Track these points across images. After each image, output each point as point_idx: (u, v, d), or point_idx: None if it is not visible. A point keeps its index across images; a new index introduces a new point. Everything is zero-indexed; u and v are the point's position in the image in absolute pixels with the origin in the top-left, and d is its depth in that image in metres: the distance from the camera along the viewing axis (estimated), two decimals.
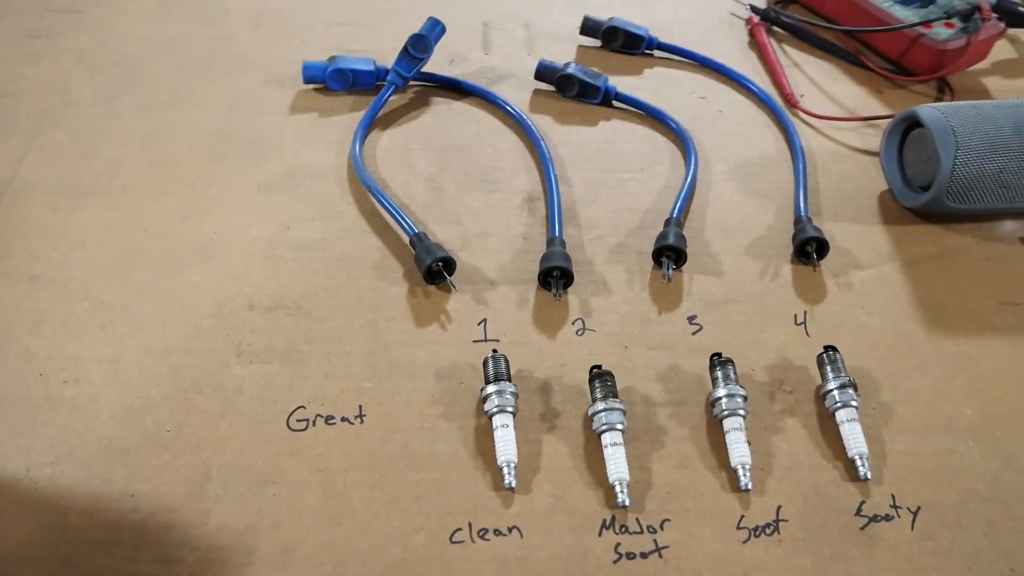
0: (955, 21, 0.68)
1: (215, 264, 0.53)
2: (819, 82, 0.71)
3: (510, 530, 0.42)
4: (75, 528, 0.41)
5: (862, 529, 0.43)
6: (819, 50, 0.74)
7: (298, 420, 0.46)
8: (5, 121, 0.61)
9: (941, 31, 0.68)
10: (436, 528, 0.42)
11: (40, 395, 0.46)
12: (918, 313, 0.53)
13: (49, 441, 0.44)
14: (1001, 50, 0.76)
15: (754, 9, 0.76)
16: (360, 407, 0.46)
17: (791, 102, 0.68)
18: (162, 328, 0.49)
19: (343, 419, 0.46)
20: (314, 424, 0.46)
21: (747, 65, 0.72)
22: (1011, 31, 0.77)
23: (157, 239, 0.54)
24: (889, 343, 0.51)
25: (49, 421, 0.45)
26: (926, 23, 0.68)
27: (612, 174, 0.61)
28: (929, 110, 0.57)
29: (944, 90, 0.70)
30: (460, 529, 0.42)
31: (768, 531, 0.43)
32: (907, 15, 0.70)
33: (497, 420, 0.45)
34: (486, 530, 0.42)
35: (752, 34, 0.75)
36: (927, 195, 0.56)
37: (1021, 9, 0.73)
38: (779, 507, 0.44)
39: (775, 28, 0.76)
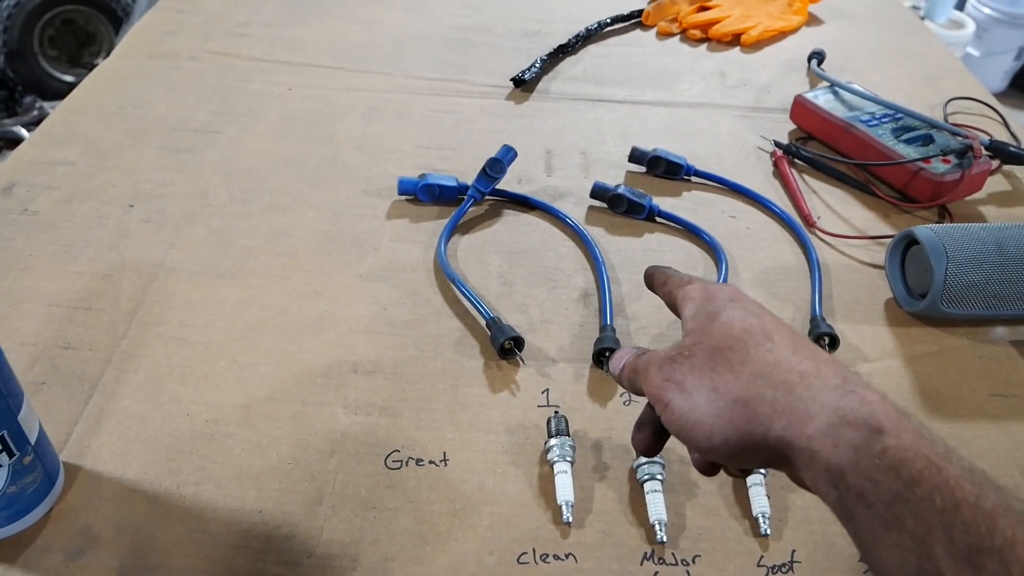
0: (951, 158, 0.80)
1: (326, 336, 0.64)
2: (834, 206, 0.82)
3: (567, 556, 0.51)
4: (214, 533, 0.51)
5: (865, 573, 0.51)
6: (834, 179, 0.86)
7: (393, 461, 0.56)
8: (158, 216, 0.74)
9: (939, 166, 0.79)
10: (505, 551, 0.51)
11: (187, 431, 0.57)
12: (918, 400, 0.62)
13: (194, 466, 0.54)
14: (997, 183, 0.87)
15: (778, 144, 0.89)
16: (444, 453, 0.56)
17: (809, 222, 0.79)
18: (283, 383, 0.60)
19: (430, 462, 0.56)
20: (406, 464, 0.55)
21: (771, 191, 0.84)
22: (1006, 167, 0.89)
23: (279, 314, 0.66)
24: None
25: (193, 451, 0.55)
26: (925, 159, 0.80)
27: None
28: (924, 230, 0.67)
29: (944, 216, 0.81)
30: (525, 553, 0.51)
31: (783, 570, 0.51)
32: (909, 152, 0.82)
33: (558, 467, 0.54)
34: (547, 555, 0.51)
35: (776, 165, 0.87)
36: (925, 301, 0.66)
37: (1012, 149, 0.85)
38: (793, 551, 0.52)
39: (796, 160, 0.88)
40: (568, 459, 0.55)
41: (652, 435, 0.43)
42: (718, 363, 0.36)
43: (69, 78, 2.38)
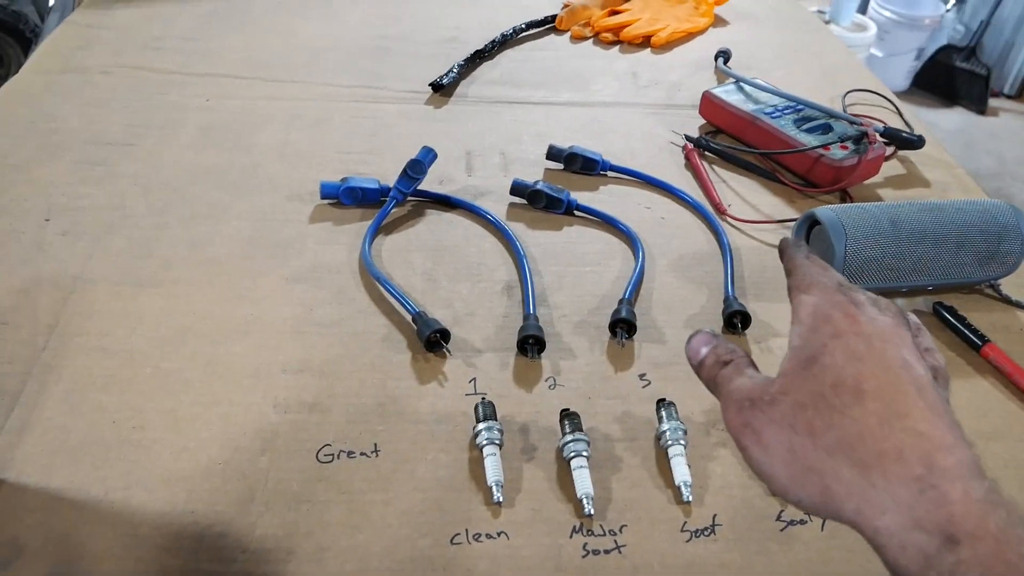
0: (848, 144, 0.85)
1: (252, 338, 0.64)
2: (743, 194, 0.86)
3: (499, 534, 0.52)
4: (145, 536, 0.50)
5: (781, 531, 0.54)
6: (742, 169, 0.90)
7: (325, 455, 0.56)
8: (75, 229, 0.73)
9: (837, 152, 0.84)
10: (439, 533, 0.52)
11: (113, 438, 0.56)
12: None
13: (121, 472, 0.54)
14: (893, 167, 0.92)
15: (688, 138, 0.92)
16: (375, 444, 0.57)
17: (720, 210, 0.82)
18: (210, 387, 0.60)
19: (361, 453, 0.57)
20: (338, 457, 0.56)
21: (684, 182, 0.87)
22: (901, 152, 0.94)
23: (203, 319, 0.66)
24: None
25: (121, 457, 0.55)
26: (825, 146, 0.84)
27: (574, 267, 0.75)
28: (825, 210, 0.71)
29: (845, 199, 0.86)
30: (459, 534, 0.52)
31: (706, 533, 0.54)
32: (810, 140, 0.86)
33: (486, 450, 0.56)
34: (480, 534, 0.52)
35: (687, 157, 0.91)
36: None
37: (904, 135, 0.90)
38: (714, 515, 0.55)
39: (706, 153, 0.92)
40: (496, 442, 0.56)
41: None
42: (800, 422, 0.35)
43: None
